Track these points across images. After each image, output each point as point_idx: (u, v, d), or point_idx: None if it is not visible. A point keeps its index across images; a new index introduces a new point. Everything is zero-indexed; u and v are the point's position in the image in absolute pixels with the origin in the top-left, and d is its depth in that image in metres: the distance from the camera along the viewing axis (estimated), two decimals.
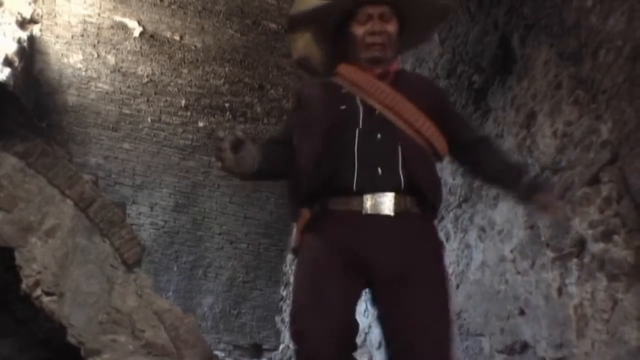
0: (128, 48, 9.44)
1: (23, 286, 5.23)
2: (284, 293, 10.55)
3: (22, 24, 8.77)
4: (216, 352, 7.48)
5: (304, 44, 2.46)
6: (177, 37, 9.21)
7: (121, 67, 9.76)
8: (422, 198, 2.12)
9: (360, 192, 2.08)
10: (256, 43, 9.13)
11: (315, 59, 2.50)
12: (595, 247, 2.92)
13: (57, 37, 9.26)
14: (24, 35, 8.71)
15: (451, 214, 4.90)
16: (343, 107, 2.22)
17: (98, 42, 9.35)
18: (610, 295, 2.78)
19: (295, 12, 2.42)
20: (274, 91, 10.00)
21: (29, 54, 8.93)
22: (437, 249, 2.18)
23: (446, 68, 5.07)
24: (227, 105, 10.21)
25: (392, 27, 2.30)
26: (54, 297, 5.26)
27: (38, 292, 5.26)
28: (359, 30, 2.29)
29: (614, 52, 2.83)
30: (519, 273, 3.68)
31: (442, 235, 4.59)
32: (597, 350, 2.85)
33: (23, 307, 5.61)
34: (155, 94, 10.10)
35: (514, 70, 3.99)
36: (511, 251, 3.78)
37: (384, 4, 2.29)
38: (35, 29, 9.04)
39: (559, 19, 3.35)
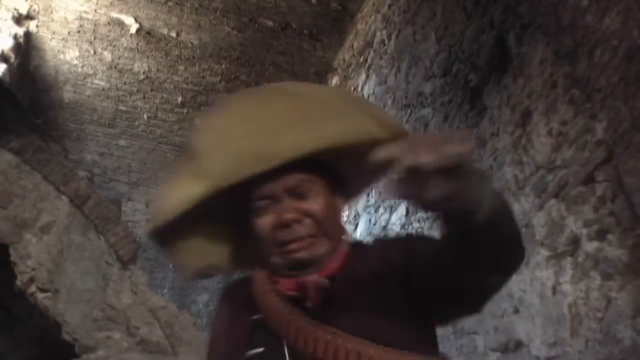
0: (124, 45, 9.42)
1: (18, 283, 5.23)
2: None
3: (18, 20, 8.75)
4: None
5: (193, 254, 1.62)
6: (173, 34, 9.20)
7: (117, 64, 9.74)
8: None
9: None
10: (253, 40, 9.12)
11: (219, 264, 1.68)
12: (590, 246, 2.93)
13: (54, 33, 9.24)
14: (20, 31, 8.69)
15: None
16: (256, 350, 1.46)
17: (94, 38, 9.34)
18: (604, 294, 2.78)
19: (159, 223, 1.55)
20: None
21: (25, 50, 8.91)
22: None
23: (442, 66, 5.07)
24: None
25: (315, 203, 1.48)
26: (49, 294, 5.25)
27: (33, 288, 5.25)
28: (261, 223, 1.49)
29: (610, 51, 2.84)
30: None
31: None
32: (590, 349, 2.86)
33: (18, 304, 5.61)
34: (151, 90, 10.09)
35: (509, 69, 3.99)
36: None
37: (290, 172, 1.46)
38: (32, 25, 9.02)
39: (555, 18, 3.35)
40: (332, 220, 1.52)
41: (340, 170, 1.57)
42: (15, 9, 8.60)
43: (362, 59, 8.03)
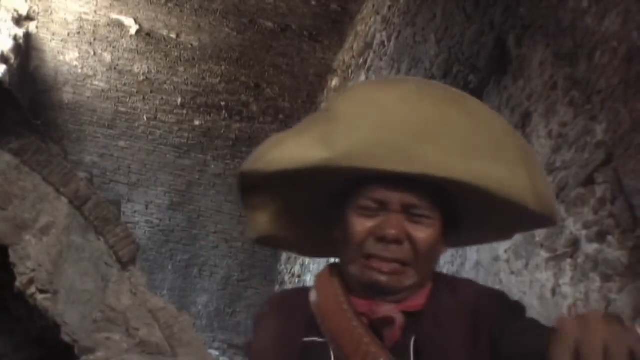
0: (124, 46, 9.44)
1: (17, 284, 5.22)
2: None
3: (19, 21, 8.76)
4: (210, 351, 7.48)
5: (268, 218, 1.43)
6: (173, 36, 9.21)
7: (117, 65, 9.75)
8: None
9: None
10: (252, 42, 9.13)
11: (288, 239, 1.50)
12: (589, 248, 2.93)
13: (53, 34, 9.25)
14: (20, 32, 8.70)
15: None
16: None
17: (94, 39, 9.35)
18: (604, 296, 2.78)
19: (257, 168, 1.34)
20: (270, 90, 10.01)
21: (25, 51, 8.92)
22: None
23: (442, 68, 5.07)
24: (223, 103, 10.22)
25: (424, 232, 1.25)
26: (48, 295, 5.25)
27: (32, 289, 5.25)
28: (358, 224, 1.26)
29: (609, 53, 2.84)
30: (513, 273, 3.68)
31: None
32: None
33: (17, 305, 5.60)
34: (151, 92, 10.10)
35: (509, 70, 4.00)
36: (505, 251, 3.79)
37: (413, 188, 1.24)
38: (32, 26, 9.04)
39: (555, 20, 3.36)
40: (430, 258, 1.29)
41: (460, 211, 1.32)
42: (15, 10, 8.61)
43: (362, 60, 8.03)
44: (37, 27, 9.09)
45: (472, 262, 4.35)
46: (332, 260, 1.42)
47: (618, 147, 2.77)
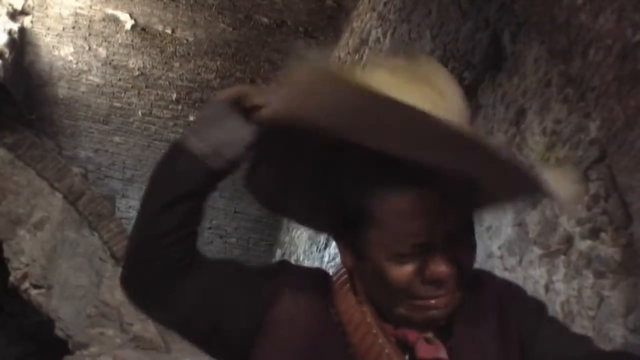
0: (119, 41, 9.41)
1: (11, 279, 5.22)
2: None
3: (13, 15, 8.73)
4: None
5: (275, 175, 1.25)
6: (168, 31, 9.19)
7: (112, 60, 9.73)
8: None
9: None
10: (248, 37, 9.12)
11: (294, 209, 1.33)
12: (583, 245, 2.94)
13: (48, 29, 9.22)
14: (14, 26, 8.67)
15: None
16: None
17: (89, 34, 9.32)
18: (597, 293, 2.79)
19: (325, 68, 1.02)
20: (266, 86, 9.99)
21: (20, 45, 8.89)
22: None
23: None
24: None
25: (470, 254, 1.12)
26: (42, 290, 5.25)
27: (26, 285, 5.25)
28: (396, 272, 1.07)
29: (604, 50, 2.84)
30: (506, 270, 3.69)
31: None
32: None
33: (11, 300, 5.59)
34: (146, 87, 10.08)
35: (504, 67, 4.00)
36: (499, 248, 3.79)
37: (447, 199, 1.05)
38: (26, 21, 9.00)
39: (550, 17, 3.35)
40: (471, 270, 1.14)
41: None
42: (10, 5, 8.58)
43: (357, 56, 8.02)
44: (32, 22, 9.06)
45: None
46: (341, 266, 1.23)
47: (612, 144, 2.77)
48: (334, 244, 1.14)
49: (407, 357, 1.10)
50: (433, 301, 1.08)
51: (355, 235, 1.11)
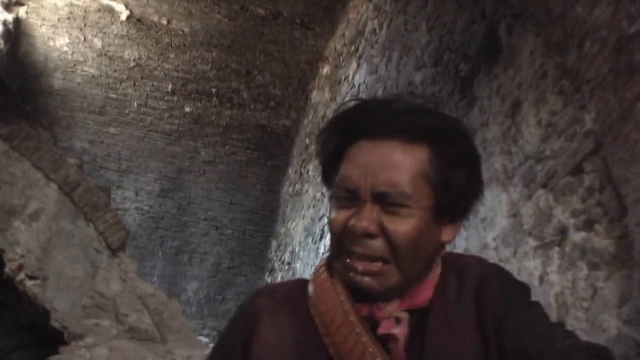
0: (115, 32, 9.39)
1: (6, 270, 5.21)
2: (269, 279, 10.57)
3: (8, 6, 8.70)
4: (200, 338, 7.50)
5: None
6: (164, 22, 9.18)
7: (108, 51, 9.71)
8: None
9: None
10: (244, 29, 9.11)
11: None
12: (577, 236, 2.94)
13: (44, 19, 9.20)
14: (9, 17, 8.65)
15: None
16: None
17: (85, 25, 9.30)
18: (591, 284, 2.80)
19: None
20: (261, 77, 9.99)
21: (15, 36, 8.87)
22: None
23: (433, 56, 5.07)
24: (213, 90, 10.20)
25: (402, 225, 1.11)
26: (38, 281, 5.24)
27: (21, 276, 5.24)
28: (335, 216, 1.17)
29: (599, 42, 2.84)
30: (501, 261, 3.70)
31: None
32: None
33: (6, 292, 5.59)
34: (141, 78, 10.07)
35: (500, 59, 4.00)
36: (494, 239, 3.80)
37: (390, 166, 1.12)
38: (21, 11, 8.98)
39: (546, 9, 3.36)
40: (417, 252, 1.13)
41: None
42: None
43: (353, 48, 8.02)
44: (27, 13, 9.04)
45: (460, 250, 4.37)
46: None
47: (607, 136, 2.78)
48: (329, 235, 1.15)
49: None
50: (356, 262, 1.12)
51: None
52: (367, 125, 1.15)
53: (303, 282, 1.29)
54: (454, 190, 1.14)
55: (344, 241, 1.14)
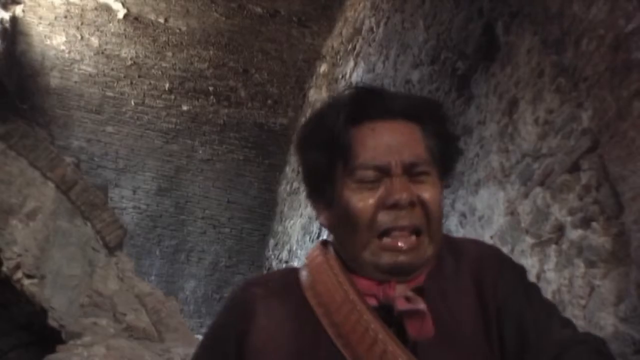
0: (112, 30, 9.38)
1: (4, 269, 5.21)
2: None
3: (5, 4, 8.69)
4: (198, 336, 7.49)
5: None
6: (161, 20, 9.16)
7: (105, 50, 9.70)
8: None
9: None
10: (241, 27, 9.10)
11: None
12: (574, 234, 2.95)
13: (40, 18, 9.18)
14: (6, 16, 8.63)
15: None
16: None
17: (82, 23, 9.29)
18: (588, 282, 2.80)
19: None
20: (259, 75, 9.98)
21: (11, 35, 8.85)
22: None
23: (430, 54, 5.07)
24: (211, 89, 10.19)
25: (431, 192, 1.15)
26: (35, 280, 5.24)
27: (19, 274, 5.24)
28: (360, 201, 1.13)
29: (596, 40, 2.85)
30: None
31: None
32: None
33: (4, 290, 5.58)
34: (139, 76, 10.05)
35: (497, 57, 4.00)
36: (491, 237, 3.81)
37: (406, 142, 1.17)
38: (18, 10, 8.97)
39: (543, 7, 3.36)
40: (441, 219, 1.19)
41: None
42: None
43: (350, 46, 8.02)
44: (23, 11, 9.02)
45: None
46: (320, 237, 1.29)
47: (604, 134, 2.78)
48: (326, 233, 1.14)
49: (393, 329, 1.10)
50: (397, 242, 1.11)
51: (328, 184, 1.19)
52: (374, 109, 1.19)
53: (293, 270, 1.29)
54: (446, 157, 1.22)
55: (377, 222, 1.12)
